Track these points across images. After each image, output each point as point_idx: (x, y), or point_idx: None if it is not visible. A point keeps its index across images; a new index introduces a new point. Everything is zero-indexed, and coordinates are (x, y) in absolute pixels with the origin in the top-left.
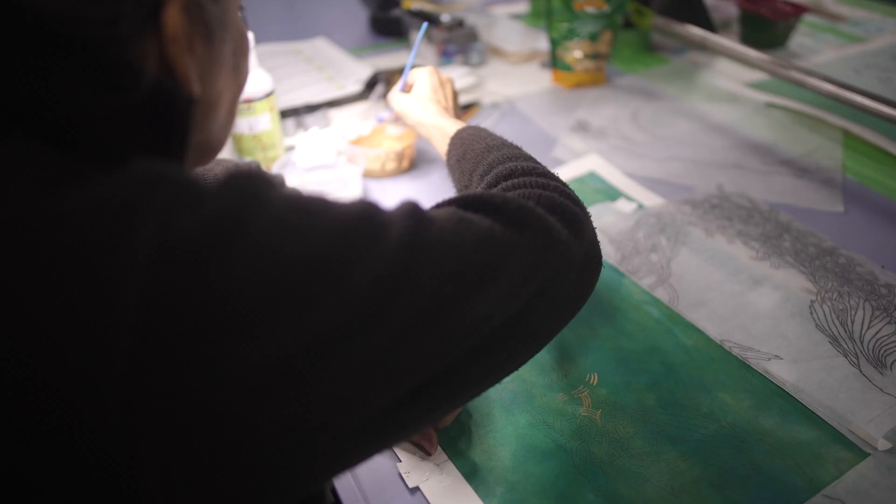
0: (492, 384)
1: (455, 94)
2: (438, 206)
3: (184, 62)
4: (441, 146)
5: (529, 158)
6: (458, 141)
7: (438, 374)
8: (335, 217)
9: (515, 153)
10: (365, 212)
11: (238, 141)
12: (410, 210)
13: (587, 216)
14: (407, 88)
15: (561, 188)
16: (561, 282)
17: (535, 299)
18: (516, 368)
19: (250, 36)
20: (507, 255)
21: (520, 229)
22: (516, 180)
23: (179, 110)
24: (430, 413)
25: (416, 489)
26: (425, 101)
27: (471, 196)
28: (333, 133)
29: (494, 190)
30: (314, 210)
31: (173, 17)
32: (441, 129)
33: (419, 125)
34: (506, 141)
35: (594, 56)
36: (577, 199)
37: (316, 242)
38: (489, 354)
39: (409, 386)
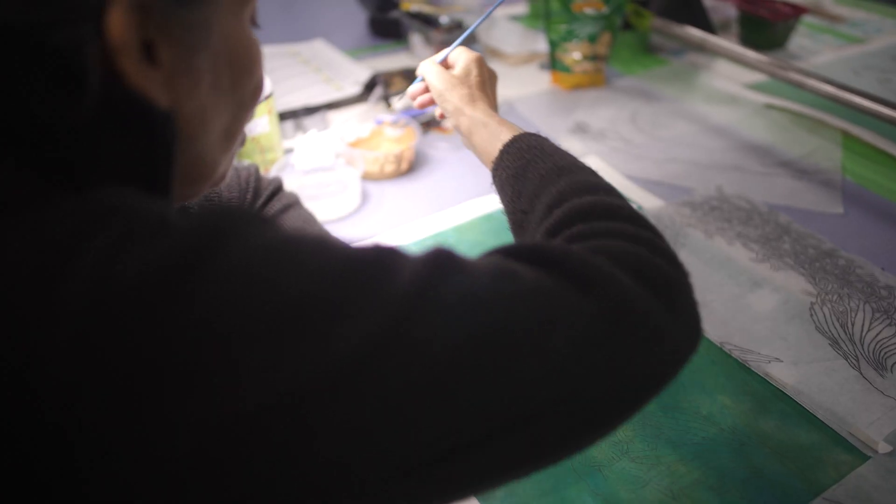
0: (526, 474)
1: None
2: (486, 254)
3: (136, 73)
4: (485, 149)
5: (611, 191)
6: (515, 151)
7: (445, 455)
8: (327, 260)
9: (593, 182)
10: (369, 255)
11: None
12: (434, 257)
13: (685, 279)
14: (446, 65)
15: (653, 240)
16: (637, 362)
17: (596, 381)
18: (564, 458)
19: None
20: (557, 319)
21: (581, 288)
22: (596, 224)
23: (147, 126)
24: (433, 499)
25: None
26: (475, 89)
27: (525, 246)
28: (332, 135)
29: (559, 238)
30: (301, 251)
31: (117, 23)
32: (490, 129)
33: (458, 113)
34: (577, 161)
35: (593, 57)
36: (674, 257)
37: (291, 289)
38: (521, 440)
39: (402, 466)
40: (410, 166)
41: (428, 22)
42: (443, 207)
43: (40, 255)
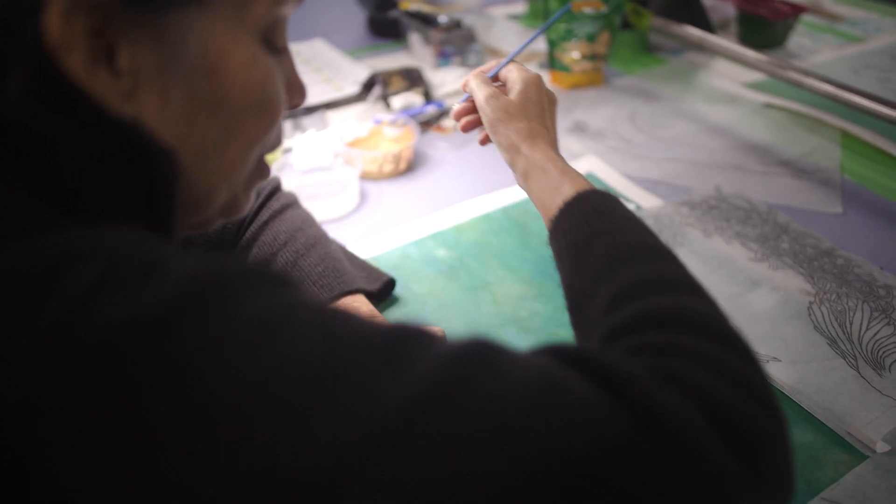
0: None
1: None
2: (539, 351)
3: (84, 76)
4: (542, 200)
5: (695, 290)
6: (578, 214)
7: None
8: (333, 336)
9: (674, 275)
10: (387, 333)
11: None
12: (469, 348)
13: (780, 428)
14: (498, 80)
15: (741, 370)
16: None
17: None
18: None
19: None
20: (603, 463)
21: (641, 427)
22: (674, 338)
23: (112, 137)
24: None
25: None
26: (534, 121)
27: (584, 355)
28: (331, 135)
29: (624, 343)
30: (304, 320)
31: (54, 23)
32: (550, 178)
33: (513, 151)
34: (653, 237)
35: (592, 57)
36: (767, 394)
37: (285, 361)
38: None
39: None
40: (409, 166)
41: (427, 21)
42: (442, 207)
43: (2, 298)
